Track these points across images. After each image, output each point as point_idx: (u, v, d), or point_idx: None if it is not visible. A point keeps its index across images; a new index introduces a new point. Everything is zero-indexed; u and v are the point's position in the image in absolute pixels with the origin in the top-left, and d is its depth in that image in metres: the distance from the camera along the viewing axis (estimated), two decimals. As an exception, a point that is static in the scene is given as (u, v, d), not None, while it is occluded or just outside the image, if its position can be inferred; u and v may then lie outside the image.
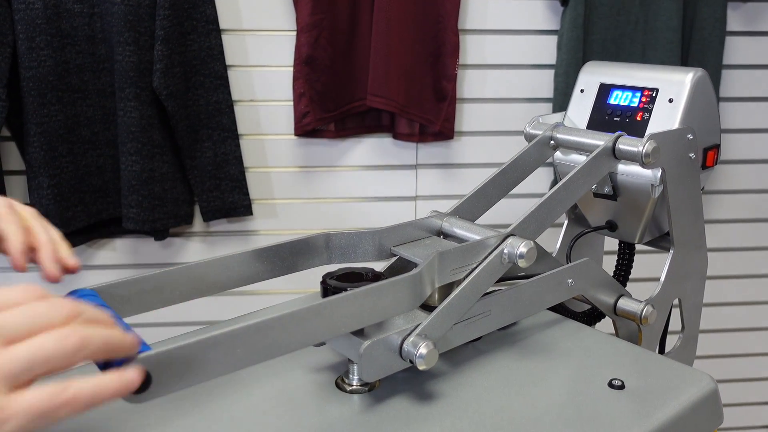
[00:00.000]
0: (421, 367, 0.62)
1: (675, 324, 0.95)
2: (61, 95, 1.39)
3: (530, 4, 1.55)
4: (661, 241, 0.94)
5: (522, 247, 0.68)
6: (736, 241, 1.76)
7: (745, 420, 1.91)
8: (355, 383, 0.68)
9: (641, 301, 0.84)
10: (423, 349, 0.61)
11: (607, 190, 0.88)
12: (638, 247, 0.96)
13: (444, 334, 0.65)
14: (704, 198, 1.66)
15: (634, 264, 0.98)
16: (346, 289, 0.61)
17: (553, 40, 1.56)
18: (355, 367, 0.67)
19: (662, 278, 0.88)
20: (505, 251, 0.69)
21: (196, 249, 1.58)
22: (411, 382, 0.69)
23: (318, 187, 1.59)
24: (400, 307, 0.62)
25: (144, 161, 1.40)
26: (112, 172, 1.46)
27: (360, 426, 0.63)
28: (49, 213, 1.39)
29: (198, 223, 1.57)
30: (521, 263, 0.68)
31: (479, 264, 0.68)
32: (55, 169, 1.39)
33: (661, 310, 0.89)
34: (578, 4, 1.47)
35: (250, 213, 1.54)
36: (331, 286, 0.65)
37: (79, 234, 1.47)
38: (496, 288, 0.73)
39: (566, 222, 1.02)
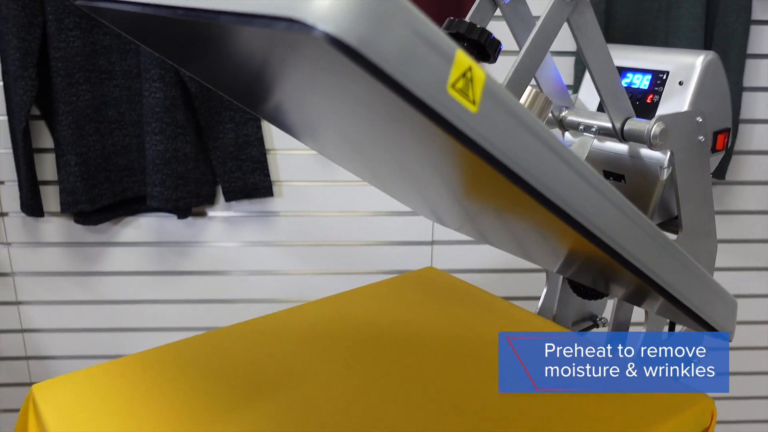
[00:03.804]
0: None
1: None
2: (89, 76, 1.43)
3: (552, -10, 1.54)
4: (669, 225, 0.94)
5: None
6: (758, 232, 1.73)
7: (756, 413, 1.89)
8: None
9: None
10: None
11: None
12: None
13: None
14: (726, 188, 1.64)
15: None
16: None
17: (574, 26, 1.55)
18: None
19: (669, 261, 0.88)
20: None
21: (218, 228, 1.62)
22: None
23: (339, 169, 1.61)
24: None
25: (168, 141, 1.44)
26: (137, 151, 1.50)
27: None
28: (76, 190, 1.44)
29: (220, 203, 1.60)
30: None
31: None
32: (82, 147, 1.44)
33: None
34: (600, -10, 1.46)
35: (271, 194, 1.57)
36: None
37: (105, 211, 1.52)
38: None
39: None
